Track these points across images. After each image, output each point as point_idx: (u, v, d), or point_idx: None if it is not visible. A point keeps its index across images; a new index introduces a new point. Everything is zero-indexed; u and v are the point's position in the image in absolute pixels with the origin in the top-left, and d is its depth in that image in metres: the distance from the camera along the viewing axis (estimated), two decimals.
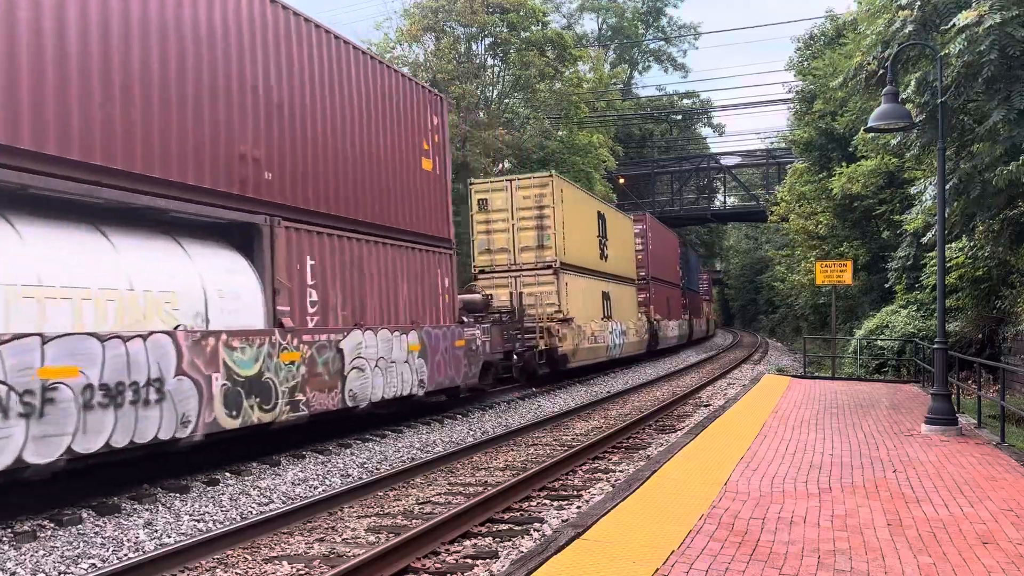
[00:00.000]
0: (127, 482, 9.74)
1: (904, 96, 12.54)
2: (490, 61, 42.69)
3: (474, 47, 41.82)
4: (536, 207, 22.49)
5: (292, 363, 11.24)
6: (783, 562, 5.61)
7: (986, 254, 15.31)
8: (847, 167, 25.15)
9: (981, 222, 14.05)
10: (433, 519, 7.74)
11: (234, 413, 10.12)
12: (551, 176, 22.74)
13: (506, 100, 43.27)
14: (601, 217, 28.11)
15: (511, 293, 22.47)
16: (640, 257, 35.27)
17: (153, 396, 8.93)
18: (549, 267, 22.54)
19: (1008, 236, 14.08)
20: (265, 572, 6.81)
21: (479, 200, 23.10)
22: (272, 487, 9.87)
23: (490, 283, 22.71)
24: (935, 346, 11.45)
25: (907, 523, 6.61)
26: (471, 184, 23.69)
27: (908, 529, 6.43)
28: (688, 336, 46.77)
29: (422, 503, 9.15)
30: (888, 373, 21.34)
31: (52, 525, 8.14)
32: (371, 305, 13.56)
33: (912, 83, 12.74)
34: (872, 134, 17.03)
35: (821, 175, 29.44)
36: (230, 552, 7.33)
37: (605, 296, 27.76)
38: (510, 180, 23.08)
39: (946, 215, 12.82)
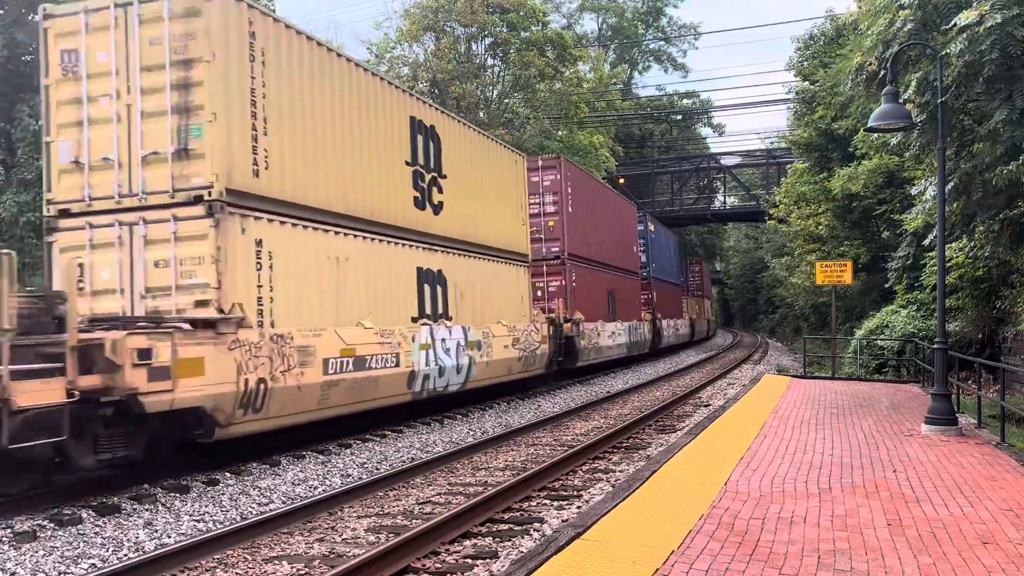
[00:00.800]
0: (127, 482, 9.74)
1: (905, 96, 12.53)
2: (490, 61, 42.70)
3: (474, 47, 41.83)
4: (179, 63, 10.52)
5: None
6: (783, 562, 5.61)
7: (986, 254, 15.31)
8: (848, 167, 25.16)
9: (981, 222, 14.04)
10: (433, 519, 7.73)
11: None
12: None
13: (506, 100, 43.27)
14: (424, 130, 15.43)
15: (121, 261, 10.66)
16: (551, 224, 23.16)
17: None
18: (198, 199, 10.37)
19: (1008, 236, 14.07)
20: (265, 572, 6.81)
21: (63, 53, 11.07)
22: (272, 487, 9.87)
23: (80, 240, 10.88)
24: (935, 346, 11.45)
25: (907, 523, 6.61)
26: (46, 15, 11.24)
27: (908, 529, 6.42)
28: (651, 343, 34.27)
29: (422, 503, 9.14)
30: (888, 373, 21.34)
31: (52, 525, 8.14)
32: None
33: (913, 83, 12.74)
34: (872, 134, 17.02)
35: (821, 175, 29.46)
36: (230, 552, 7.33)
37: (427, 278, 15.32)
38: (125, 6, 10.78)
39: (946, 215, 12.81)
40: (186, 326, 9.78)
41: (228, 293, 10.41)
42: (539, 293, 22.89)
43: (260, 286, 10.93)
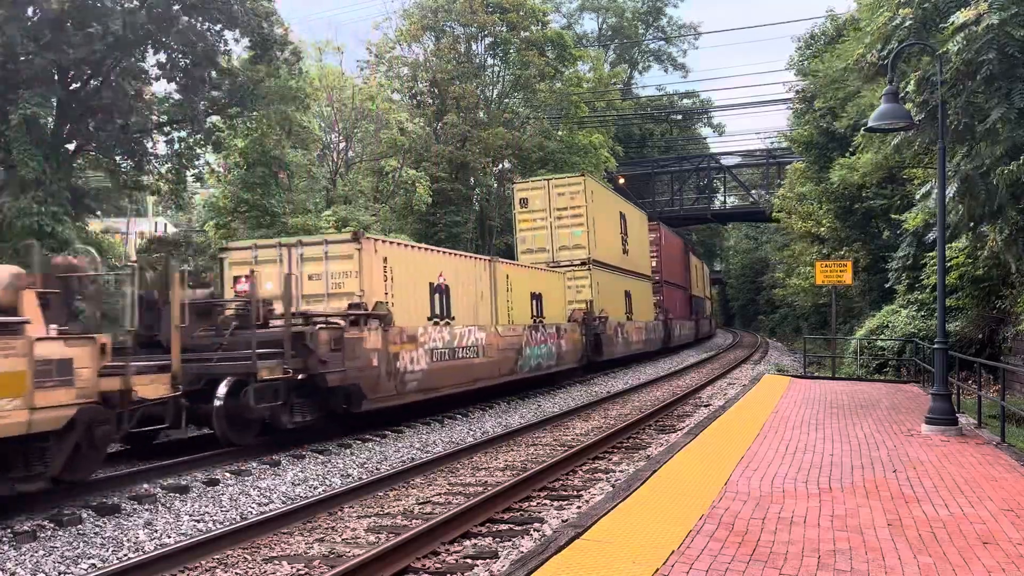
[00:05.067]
0: (127, 482, 9.74)
1: (904, 93, 12.51)
2: (490, 61, 42.69)
3: (474, 47, 41.82)
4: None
5: None
6: (783, 562, 5.61)
7: (985, 254, 15.27)
8: (847, 158, 25.09)
9: (986, 224, 13.98)
10: (433, 519, 7.73)
11: None
12: None
13: (506, 100, 43.26)
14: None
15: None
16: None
17: None
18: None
19: (1017, 240, 14.01)
20: (265, 572, 6.81)
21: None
22: (272, 487, 9.87)
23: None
24: (935, 346, 11.44)
25: (907, 523, 6.60)
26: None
27: (908, 529, 6.42)
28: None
29: (422, 503, 9.14)
30: (888, 373, 21.32)
31: (52, 525, 8.14)
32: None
33: (912, 81, 12.73)
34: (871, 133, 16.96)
35: (821, 174, 29.44)
36: (230, 552, 7.33)
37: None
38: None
39: (951, 218, 12.80)
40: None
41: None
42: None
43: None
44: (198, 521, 8.41)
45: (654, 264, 37.50)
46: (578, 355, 24.41)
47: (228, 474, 10.56)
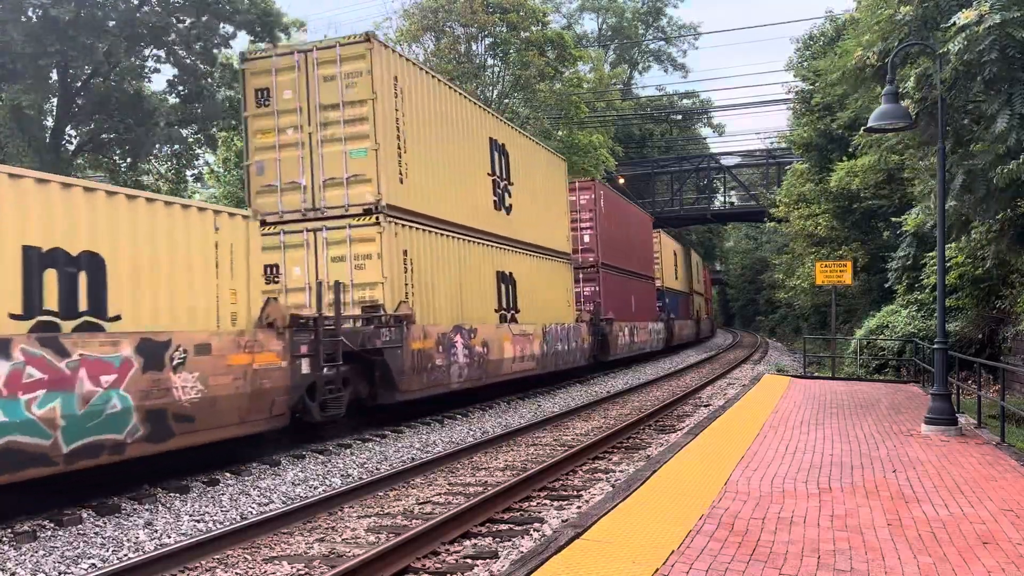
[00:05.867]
0: (127, 482, 9.74)
1: (903, 90, 12.50)
2: (490, 61, 42.69)
3: (474, 47, 41.82)
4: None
5: None
6: (783, 562, 5.61)
7: (985, 255, 15.28)
8: (846, 161, 25.11)
9: (981, 223, 13.99)
10: (433, 519, 7.73)
11: None
12: None
13: (506, 100, 43.25)
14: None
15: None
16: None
17: None
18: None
19: (1010, 237, 14.03)
20: (265, 572, 6.81)
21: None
22: (272, 487, 9.87)
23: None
24: (935, 346, 11.43)
25: (907, 523, 6.60)
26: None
27: (908, 529, 6.42)
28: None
29: (422, 503, 9.14)
30: (888, 373, 21.33)
31: (52, 525, 8.15)
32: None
33: (912, 78, 12.72)
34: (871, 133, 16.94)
35: (821, 175, 29.46)
36: (230, 552, 7.33)
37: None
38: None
39: (953, 218, 12.79)
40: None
41: None
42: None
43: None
44: (198, 521, 8.41)
45: (587, 239, 26.49)
46: (275, 405, 11.15)
47: (228, 474, 10.56)
